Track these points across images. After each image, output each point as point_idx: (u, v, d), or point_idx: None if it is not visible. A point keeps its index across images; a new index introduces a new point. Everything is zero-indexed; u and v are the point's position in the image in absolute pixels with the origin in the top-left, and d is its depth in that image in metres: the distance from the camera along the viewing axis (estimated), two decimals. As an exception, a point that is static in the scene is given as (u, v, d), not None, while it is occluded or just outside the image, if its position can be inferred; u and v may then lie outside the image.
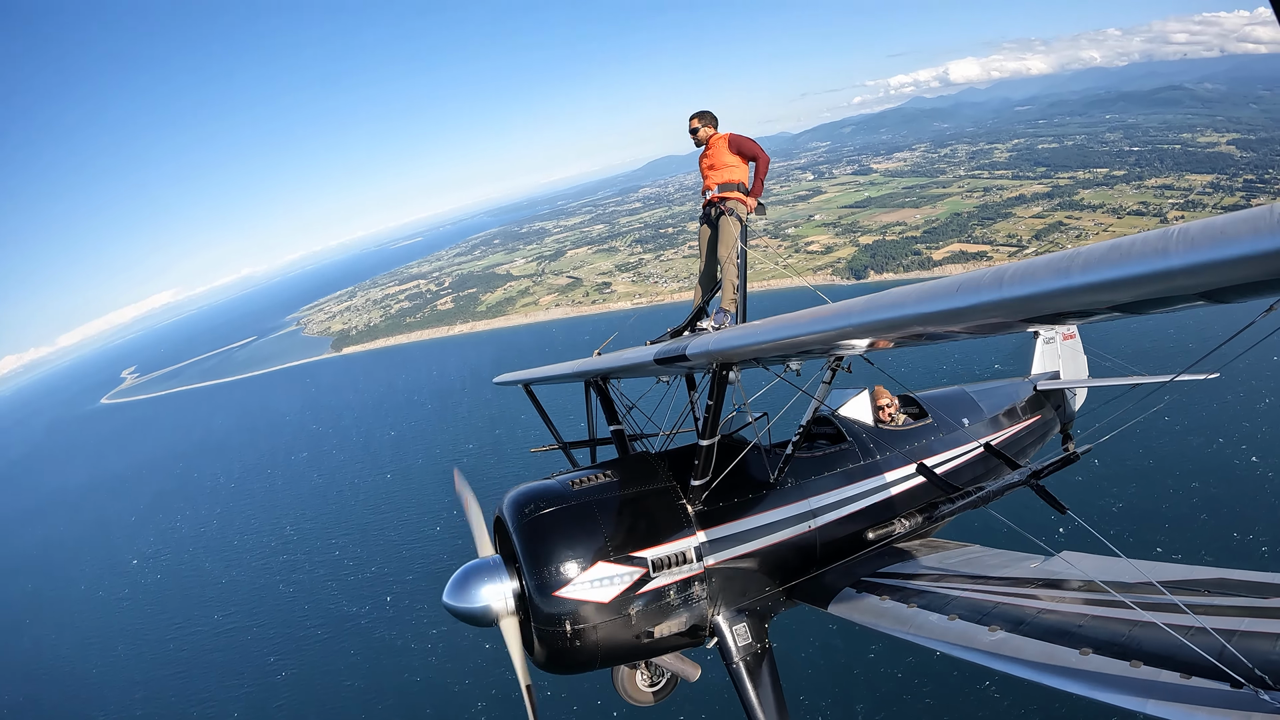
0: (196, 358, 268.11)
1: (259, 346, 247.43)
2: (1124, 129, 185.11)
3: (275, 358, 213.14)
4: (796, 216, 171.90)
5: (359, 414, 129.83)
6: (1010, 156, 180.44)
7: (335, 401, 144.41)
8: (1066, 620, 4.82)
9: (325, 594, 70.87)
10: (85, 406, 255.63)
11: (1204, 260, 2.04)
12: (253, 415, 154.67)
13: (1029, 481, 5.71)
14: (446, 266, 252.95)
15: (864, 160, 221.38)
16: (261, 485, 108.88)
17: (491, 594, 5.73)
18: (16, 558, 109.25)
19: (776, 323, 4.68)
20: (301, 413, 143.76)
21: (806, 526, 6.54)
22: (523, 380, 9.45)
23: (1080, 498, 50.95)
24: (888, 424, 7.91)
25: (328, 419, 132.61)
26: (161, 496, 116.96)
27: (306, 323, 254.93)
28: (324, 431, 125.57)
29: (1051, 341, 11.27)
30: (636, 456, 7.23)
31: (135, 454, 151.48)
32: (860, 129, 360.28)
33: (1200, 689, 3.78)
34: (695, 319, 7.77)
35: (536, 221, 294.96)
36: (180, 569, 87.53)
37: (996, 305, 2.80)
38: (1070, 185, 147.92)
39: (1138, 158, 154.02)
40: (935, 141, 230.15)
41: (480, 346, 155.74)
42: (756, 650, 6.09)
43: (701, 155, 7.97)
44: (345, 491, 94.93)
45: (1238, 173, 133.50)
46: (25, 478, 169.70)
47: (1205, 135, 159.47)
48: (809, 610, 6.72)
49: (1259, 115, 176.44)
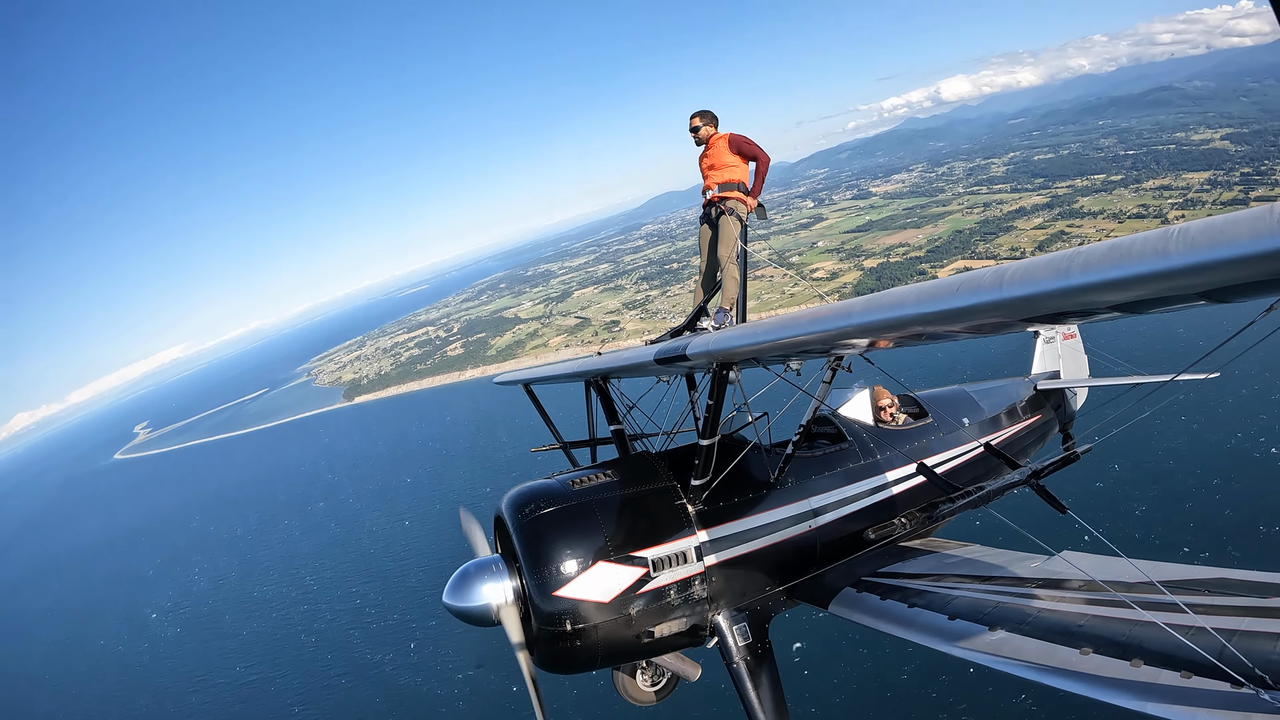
0: (208, 411, 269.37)
1: (271, 398, 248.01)
2: (1118, 133, 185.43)
3: (288, 409, 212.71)
4: (800, 244, 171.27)
5: (374, 462, 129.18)
6: (1007, 170, 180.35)
7: (350, 450, 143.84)
8: (1067, 620, 4.82)
9: (348, 642, 70.14)
10: (99, 462, 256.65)
11: (1204, 260, 2.03)
12: (267, 467, 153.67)
13: (1029, 481, 5.71)
14: (454, 312, 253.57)
15: (862, 184, 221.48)
16: (279, 536, 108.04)
17: (492, 592, 5.71)
18: (34, 613, 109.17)
19: (776, 323, 4.68)
20: (317, 462, 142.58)
21: (807, 526, 6.54)
22: (523, 380, 9.45)
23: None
24: (888, 424, 7.91)
25: (343, 468, 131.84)
26: (178, 550, 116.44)
27: (317, 373, 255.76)
28: (340, 481, 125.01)
29: (1051, 341, 11.27)
30: (637, 456, 7.23)
31: (150, 508, 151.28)
32: (857, 153, 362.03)
33: (1200, 689, 3.78)
34: (695, 319, 7.75)
35: (541, 264, 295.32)
36: (200, 622, 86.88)
37: (996, 305, 2.80)
38: (1069, 194, 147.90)
39: (1134, 161, 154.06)
40: (932, 161, 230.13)
41: (492, 390, 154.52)
42: (756, 650, 6.09)
43: (702, 155, 7.91)
44: (364, 539, 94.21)
45: (1234, 167, 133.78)
46: (40, 534, 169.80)
47: (1199, 133, 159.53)
48: (809, 610, 6.72)
49: (1250, 108, 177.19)
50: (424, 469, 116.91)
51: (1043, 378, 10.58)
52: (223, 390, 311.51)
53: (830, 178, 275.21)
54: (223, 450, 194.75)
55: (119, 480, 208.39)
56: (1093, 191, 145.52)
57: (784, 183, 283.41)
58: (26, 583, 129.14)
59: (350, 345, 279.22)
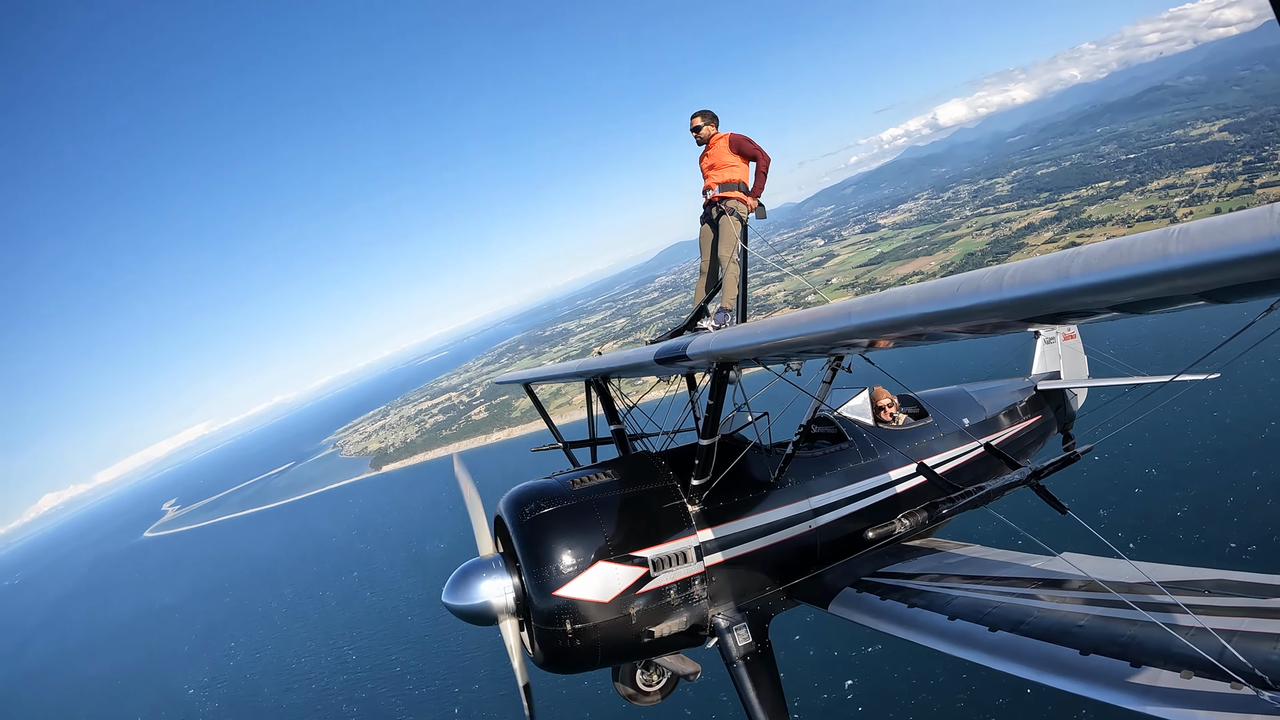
0: (236, 487, 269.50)
1: (298, 471, 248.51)
2: (1117, 139, 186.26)
3: (315, 481, 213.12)
4: (814, 283, 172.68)
5: (407, 529, 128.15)
6: (1012, 188, 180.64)
7: (381, 519, 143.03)
8: (1067, 620, 4.81)
9: (390, 711, 69.91)
10: (128, 541, 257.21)
11: (1204, 260, 2.04)
12: (299, 539, 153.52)
13: (1029, 481, 5.72)
14: (476, 377, 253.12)
15: (870, 217, 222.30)
16: (315, 607, 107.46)
17: (490, 590, 5.71)
18: (70, 691, 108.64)
19: (776, 323, 4.67)
20: (348, 533, 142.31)
21: (807, 526, 6.53)
22: (523, 379, 9.43)
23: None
24: (888, 424, 7.91)
25: (375, 537, 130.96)
26: (213, 625, 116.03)
27: (343, 444, 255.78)
28: (373, 550, 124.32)
29: (1052, 341, 11.27)
30: (637, 456, 7.21)
31: (183, 585, 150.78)
32: (861, 187, 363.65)
33: (1200, 689, 3.77)
34: (695, 318, 7.74)
35: (559, 323, 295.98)
36: (238, 696, 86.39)
37: (996, 305, 2.80)
38: (1076, 204, 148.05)
39: (1135, 164, 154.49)
40: (936, 187, 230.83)
41: (519, 451, 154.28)
42: (756, 650, 6.07)
43: (702, 155, 7.91)
44: (401, 607, 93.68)
45: (1235, 157, 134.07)
46: (72, 613, 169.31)
47: (1196, 127, 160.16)
48: (809, 610, 6.71)
49: (1243, 97, 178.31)
50: (457, 533, 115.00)
51: (1043, 378, 10.57)
52: (249, 465, 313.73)
53: (838, 214, 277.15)
54: (253, 524, 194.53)
55: (150, 558, 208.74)
56: (1099, 199, 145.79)
57: (792, 223, 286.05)
58: (60, 662, 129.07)
59: (374, 415, 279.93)
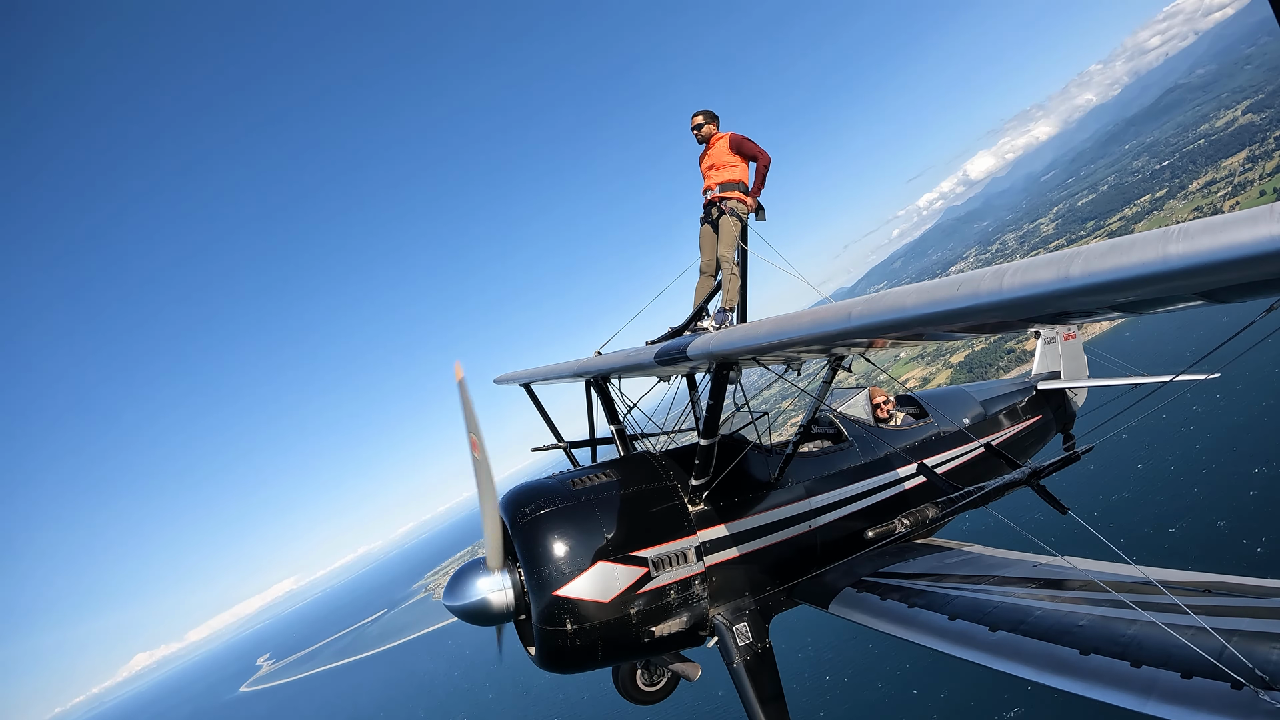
0: (330, 638, 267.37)
1: (391, 618, 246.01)
2: (1146, 150, 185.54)
3: (411, 626, 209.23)
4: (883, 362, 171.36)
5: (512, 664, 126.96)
6: (1057, 225, 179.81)
7: (484, 656, 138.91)
8: (1067, 620, 4.80)
9: None
10: (225, 695, 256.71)
11: (1204, 260, 2.04)
12: (400, 685, 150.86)
13: (1029, 481, 5.71)
14: None
15: None
16: None
17: (487, 587, 5.69)
18: None
19: (776, 323, 4.67)
20: (451, 673, 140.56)
21: (807, 526, 6.54)
22: (523, 379, 9.42)
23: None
24: (888, 424, 7.93)
25: (480, 676, 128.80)
26: None
27: (435, 588, 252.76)
28: (478, 688, 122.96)
29: (1052, 341, 11.28)
30: (637, 456, 7.20)
31: None
32: (909, 258, 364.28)
33: (1200, 689, 3.77)
34: (695, 318, 7.74)
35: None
36: None
37: (997, 305, 2.80)
38: (1123, 226, 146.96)
39: (1171, 170, 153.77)
40: (983, 242, 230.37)
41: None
42: (757, 650, 6.06)
43: (702, 154, 7.90)
44: None
45: (1265, 135, 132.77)
46: None
47: (1221, 117, 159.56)
48: (809, 610, 6.72)
49: (1256, 73, 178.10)
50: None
51: (1043, 378, 10.58)
52: (341, 616, 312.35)
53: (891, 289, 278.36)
54: (351, 674, 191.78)
55: (248, 713, 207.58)
56: (1144, 215, 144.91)
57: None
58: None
59: (462, 556, 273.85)
